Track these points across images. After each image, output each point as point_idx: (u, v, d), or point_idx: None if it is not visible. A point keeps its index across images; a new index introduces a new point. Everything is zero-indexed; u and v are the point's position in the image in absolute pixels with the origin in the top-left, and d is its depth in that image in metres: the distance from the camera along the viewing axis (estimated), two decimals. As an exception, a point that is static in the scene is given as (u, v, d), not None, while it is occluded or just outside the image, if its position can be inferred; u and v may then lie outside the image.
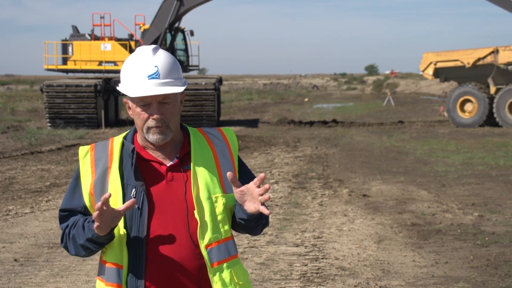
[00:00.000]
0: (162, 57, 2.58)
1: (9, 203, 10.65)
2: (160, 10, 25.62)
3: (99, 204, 2.42)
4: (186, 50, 28.18)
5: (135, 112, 2.61)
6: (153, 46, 2.61)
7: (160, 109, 2.57)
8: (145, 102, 2.57)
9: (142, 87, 2.54)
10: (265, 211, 2.51)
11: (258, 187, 2.54)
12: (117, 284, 2.58)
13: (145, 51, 2.59)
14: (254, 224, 2.64)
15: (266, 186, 2.49)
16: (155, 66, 2.55)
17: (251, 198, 2.55)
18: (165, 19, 25.42)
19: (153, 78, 2.54)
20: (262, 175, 2.53)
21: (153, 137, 2.60)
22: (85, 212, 2.65)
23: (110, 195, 2.44)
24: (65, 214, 2.68)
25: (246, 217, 2.58)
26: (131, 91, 2.55)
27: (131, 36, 26.86)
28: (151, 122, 2.58)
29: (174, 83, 2.58)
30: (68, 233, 2.63)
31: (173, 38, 26.64)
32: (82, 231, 2.56)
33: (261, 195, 2.52)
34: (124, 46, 26.10)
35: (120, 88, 2.61)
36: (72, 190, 2.67)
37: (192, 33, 27.90)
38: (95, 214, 2.43)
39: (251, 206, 2.55)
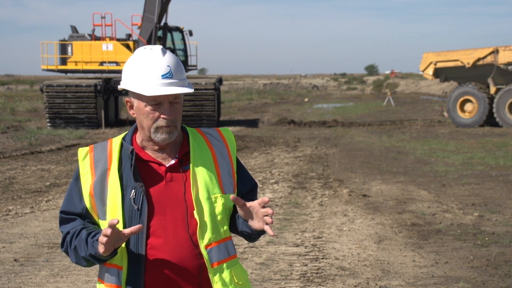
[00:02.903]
0: (171, 58, 2.60)
1: (9, 203, 10.65)
2: (146, 3, 25.64)
3: (107, 231, 2.40)
4: (185, 50, 28.20)
5: (143, 112, 2.59)
6: (160, 46, 2.62)
7: (171, 108, 2.58)
8: (156, 102, 2.57)
9: (156, 86, 2.54)
10: (269, 231, 2.53)
11: (263, 207, 2.56)
12: (117, 285, 2.58)
13: (154, 50, 2.58)
14: (257, 236, 2.69)
15: (270, 211, 2.52)
16: (168, 66, 2.56)
17: (256, 216, 2.58)
18: (153, 10, 25.42)
19: (166, 77, 2.55)
20: (266, 199, 2.55)
21: (161, 136, 2.60)
22: (86, 214, 2.64)
23: (118, 222, 2.42)
24: (66, 217, 2.66)
25: (250, 231, 2.63)
26: (145, 90, 2.54)
27: (128, 36, 26.87)
28: (161, 122, 2.58)
29: (184, 83, 2.60)
30: (69, 242, 2.62)
31: (164, 36, 26.59)
32: (84, 245, 2.55)
33: (265, 215, 2.54)
34: (126, 46, 26.10)
35: (131, 87, 2.58)
36: (72, 191, 2.67)
37: (191, 33, 27.91)
38: (102, 239, 2.42)
39: (256, 224, 2.58)
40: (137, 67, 2.57)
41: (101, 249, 2.46)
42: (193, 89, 2.61)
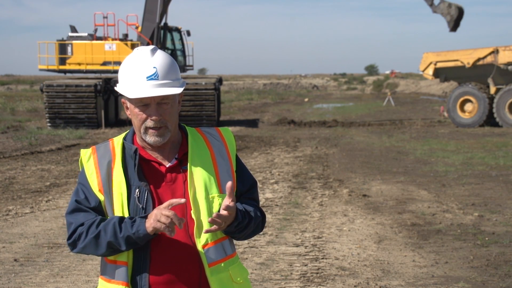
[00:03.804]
0: (160, 58, 2.59)
1: (9, 203, 10.65)
2: (147, 3, 25.59)
3: (172, 214, 2.45)
4: (183, 50, 28.22)
5: (133, 113, 2.61)
6: (152, 46, 2.61)
7: (159, 109, 2.58)
8: (143, 103, 2.58)
9: (140, 88, 2.55)
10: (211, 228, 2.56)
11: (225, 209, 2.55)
12: (125, 282, 2.59)
13: (143, 52, 2.59)
14: (233, 229, 2.64)
15: (218, 218, 2.51)
16: (154, 67, 2.56)
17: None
18: (154, 10, 25.40)
19: (151, 79, 2.55)
20: (228, 183, 2.53)
21: (150, 138, 2.61)
22: (99, 208, 2.62)
23: (185, 201, 2.50)
24: (80, 207, 2.62)
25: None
26: (129, 92, 2.56)
27: (125, 36, 26.86)
28: (149, 123, 2.59)
29: (172, 84, 2.59)
30: (86, 230, 2.57)
31: (164, 36, 26.57)
32: (117, 228, 2.53)
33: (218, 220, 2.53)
34: (130, 46, 26.08)
35: (118, 89, 2.62)
36: (84, 187, 2.64)
37: (188, 33, 27.91)
38: (165, 219, 2.45)
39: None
40: (126, 69, 2.60)
41: (151, 226, 2.47)
42: (180, 90, 2.59)
